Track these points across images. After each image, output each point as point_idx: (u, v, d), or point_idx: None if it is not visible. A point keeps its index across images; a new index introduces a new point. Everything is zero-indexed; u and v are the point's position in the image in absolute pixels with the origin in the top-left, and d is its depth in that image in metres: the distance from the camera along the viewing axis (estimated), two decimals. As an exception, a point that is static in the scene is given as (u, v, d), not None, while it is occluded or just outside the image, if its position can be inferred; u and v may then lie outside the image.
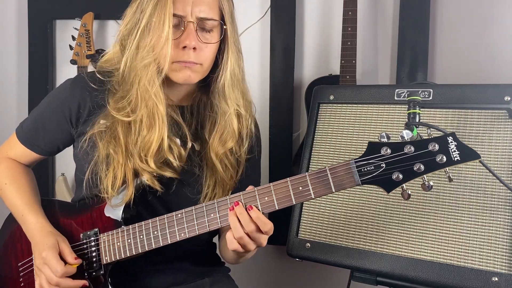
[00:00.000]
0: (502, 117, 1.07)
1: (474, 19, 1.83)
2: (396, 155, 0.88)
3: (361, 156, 0.91)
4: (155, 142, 1.10)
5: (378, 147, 0.90)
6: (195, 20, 1.09)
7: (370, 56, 1.98)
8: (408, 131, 0.89)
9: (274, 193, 0.96)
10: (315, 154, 1.26)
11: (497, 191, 1.04)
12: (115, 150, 1.11)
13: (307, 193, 0.94)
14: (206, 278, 1.27)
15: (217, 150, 1.17)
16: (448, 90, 1.13)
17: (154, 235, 1.06)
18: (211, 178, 1.18)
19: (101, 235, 1.12)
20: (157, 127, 1.10)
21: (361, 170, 0.90)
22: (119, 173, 1.11)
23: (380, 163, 0.89)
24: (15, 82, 2.46)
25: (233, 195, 1.00)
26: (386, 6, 1.96)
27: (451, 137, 0.86)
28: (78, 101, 1.16)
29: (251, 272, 2.12)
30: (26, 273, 1.20)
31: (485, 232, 1.03)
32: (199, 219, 1.02)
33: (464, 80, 1.78)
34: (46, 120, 1.21)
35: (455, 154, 0.86)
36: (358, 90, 1.25)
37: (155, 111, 1.09)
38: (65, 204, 1.25)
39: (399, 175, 0.87)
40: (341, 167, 0.92)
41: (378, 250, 1.12)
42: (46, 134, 1.21)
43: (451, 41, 1.87)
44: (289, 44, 2.02)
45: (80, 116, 1.16)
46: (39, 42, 2.33)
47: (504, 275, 0.99)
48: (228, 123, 1.17)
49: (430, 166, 0.86)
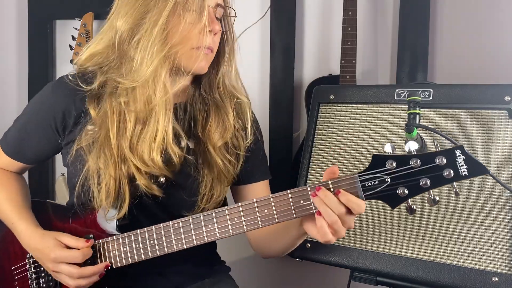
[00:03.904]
0: (502, 117, 1.07)
1: (474, 19, 1.83)
2: (401, 170, 0.85)
3: (365, 169, 0.88)
4: (160, 132, 1.04)
5: (383, 160, 0.86)
6: (214, 5, 1.05)
7: (370, 56, 1.98)
8: (414, 143, 0.86)
9: (274, 206, 0.93)
10: (315, 154, 1.26)
11: (497, 191, 1.04)
12: (105, 163, 1.05)
13: (308, 207, 0.91)
14: (207, 279, 1.26)
15: (215, 142, 1.12)
16: (448, 90, 1.13)
17: (150, 244, 1.03)
18: (208, 177, 1.14)
19: (96, 242, 1.09)
20: (162, 116, 1.04)
21: (365, 184, 0.87)
22: (113, 186, 1.06)
23: (385, 178, 0.86)
24: (15, 82, 2.46)
25: (231, 206, 0.97)
26: (386, 6, 1.96)
27: (459, 150, 0.83)
28: (62, 110, 1.10)
29: (251, 272, 2.12)
30: (20, 277, 1.18)
31: (485, 232, 1.03)
32: (196, 230, 0.99)
33: (464, 80, 1.77)
34: (31, 131, 1.15)
35: (463, 169, 0.82)
36: (358, 90, 1.25)
37: (162, 100, 1.03)
38: (59, 208, 1.22)
39: (405, 190, 0.85)
40: (344, 181, 0.89)
41: (378, 250, 1.12)
42: (32, 144, 1.17)
43: (451, 41, 1.87)
44: (289, 44, 2.02)
45: (66, 125, 1.12)
46: (39, 42, 2.32)
47: (504, 275, 0.99)
48: (224, 115, 1.13)
49: (436, 181, 0.83)
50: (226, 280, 1.31)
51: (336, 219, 0.88)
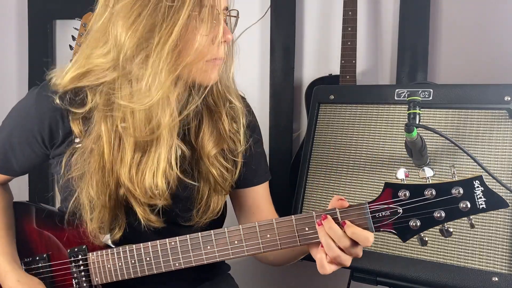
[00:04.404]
0: (502, 117, 1.07)
1: (474, 19, 1.83)
2: (415, 201, 0.79)
3: (376, 199, 0.83)
4: (163, 161, 0.94)
5: (395, 189, 0.81)
6: (223, 11, 0.93)
7: (370, 56, 1.98)
8: (430, 169, 0.80)
9: (277, 231, 0.88)
10: (315, 154, 1.26)
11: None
12: (97, 193, 0.96)
13: (313, 235, 0.86)
14: (207, 282, 1.24)
15: (209, 151, 1.03)
16: (448, 90, 1.13)
17: (147, 262, 0.98)
18: (204, 188, 1.05)
19: (90, 254, 1.04)
20: (166, 143, 0.94)
21: (375, 215, 0.82)
22: (106, 217, 0.98)
23: (397, 209, 0.80)
24: (15, 82, 2.46)
25: (231, 228, 0.92)
26: (386, 6, 1.96)
27: (478, 181, 0.78)
28: (49, 124, 1.01)
29: (251, 272, 2.12)
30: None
31: (485, 232, 1.03)
32: (195, 250, 0.94)
33: (464, 80, 1.77)
34: (15, 145, 1.06)
35: (481, 201, 0.77)
36: (358, 90, 1.25)
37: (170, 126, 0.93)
38: (53, 214, 1.13)
39: (417, 222, 0.80)
40: (353, 211, 0.83)
41: (378, 250, 1.12)
42: (18, 158, 1.08)
43: (451, 41, 1.87)
44: (289, 44, 2.02)
45: (53, 139, 1.03)
46: (39, 42, 2.32)
47: (504, 275, 0.99)
48: (217, 120, 1.04)
49: (452, 214, 0.78)
50: (226, 280, 1.31)
51: (337, 254, 0.83)
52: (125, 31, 0.87)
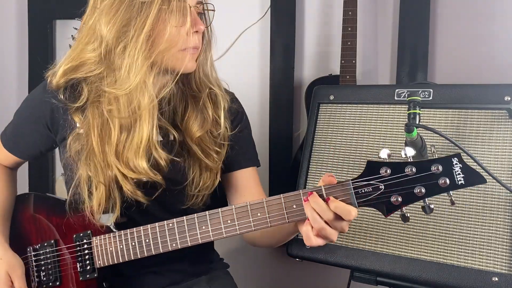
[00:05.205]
0: (502, 117, 1.07)
1: (474, 19, 1.83)
2: (396, 177, 0.84)
3: (359, 176, 0.87)
4: (144, 139, 1.04)
5: (377, 167, 0.85)
6: (195, 3, 1.05)
7: (370, 56, 1.98)
8: (410, 149, 0.84)
9: (267, 210, 0.94)
10: (315, 154, 1.26)
11: (497, 191, 1.04)
12: (95, 170, 1.07)
13: (300, 212, 0.92)
14: (203, 276, 1.26)
15: (194, 133, 1.13)
16: (448, 90, 1.13)
17: (146, 243, 1.05)
18: (194, 165, 1.15)
19: (94, 238, 1.11)
20: (147, 123, 1.04)
21: (358, 191, 0.87)
22: (103, 193, 1.07)
23: (378, 185, 0.85)
24: (15, 82, 2.46)
25: (225, 208, 0.97)
26: (386, 6, 1.96)
27: (456, 158, 0.81)
28: (51, 106, 1.13)
29: (251, 273, 2.12)
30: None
31: (485, 232, 1.03)
32: (190, 230, 1.01)
33: (464, 80, 1.77)
34: (25, 125, 1.20)
35: (459, 178, 0.81)
36: (358, 90, 1.25)
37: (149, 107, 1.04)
38: (60, 202, 1.22)
39: (398, 198, 0.84)
40: (337, 187, 0.88)
41: (378, 250, 1.12)
42: (26, 139, 1.21)
43: (451, 41, 1.87)
44: (289, 44, 2.02)
45: (55, 121, 1.15)
46: (39, 42, 2.32)
47: (504, 275, 0.99)
48: (201, 105, 1.14)
49: (431, 190, 0.82)
50: (224, 277, 1.31)
51: (322, 226, 0.88)
52: (106, 25, 1.01)
